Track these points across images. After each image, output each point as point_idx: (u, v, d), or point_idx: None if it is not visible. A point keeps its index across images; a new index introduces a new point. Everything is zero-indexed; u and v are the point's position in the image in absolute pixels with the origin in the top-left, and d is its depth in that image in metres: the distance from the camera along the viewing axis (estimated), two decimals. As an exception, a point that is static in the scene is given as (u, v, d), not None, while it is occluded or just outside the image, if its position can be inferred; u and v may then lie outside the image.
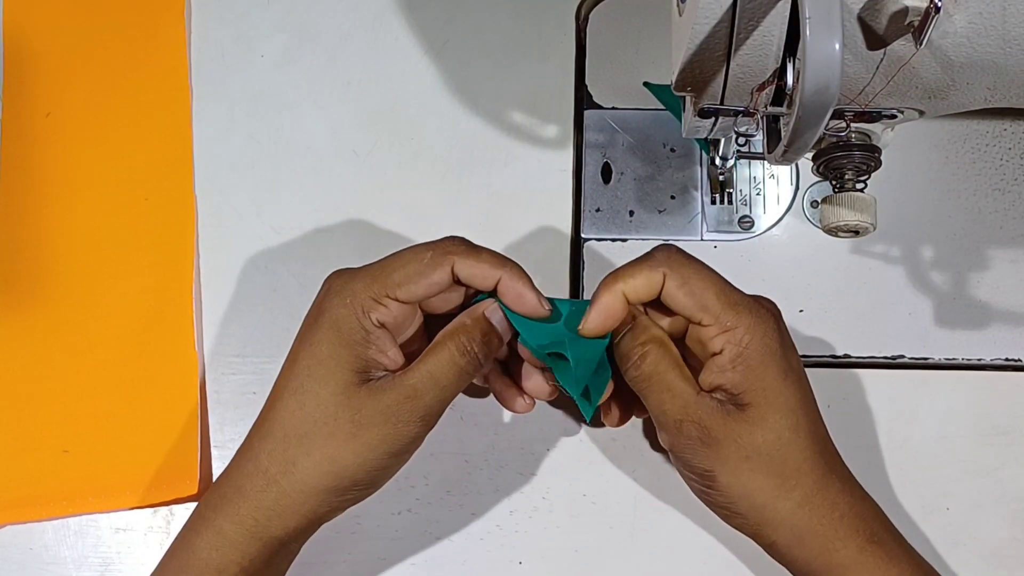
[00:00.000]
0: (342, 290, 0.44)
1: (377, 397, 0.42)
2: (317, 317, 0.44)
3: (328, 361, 0.43)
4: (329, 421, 0.42)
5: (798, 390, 0.43)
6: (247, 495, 0.43)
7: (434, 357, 0.44)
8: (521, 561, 0.52)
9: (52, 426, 0.53)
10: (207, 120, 0.57)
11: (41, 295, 0.55)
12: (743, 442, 0.42)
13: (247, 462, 0.43)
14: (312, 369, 0.43)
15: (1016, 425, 0.52)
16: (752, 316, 0.43)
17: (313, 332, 0.44)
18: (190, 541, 0.43)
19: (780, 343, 0.43)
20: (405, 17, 0.58)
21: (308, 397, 0.42)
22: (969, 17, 0.36)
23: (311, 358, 0.43)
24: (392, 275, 0.44)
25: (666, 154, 0.55)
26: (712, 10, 0.35)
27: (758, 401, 0.42)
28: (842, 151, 0.43)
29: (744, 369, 0.43)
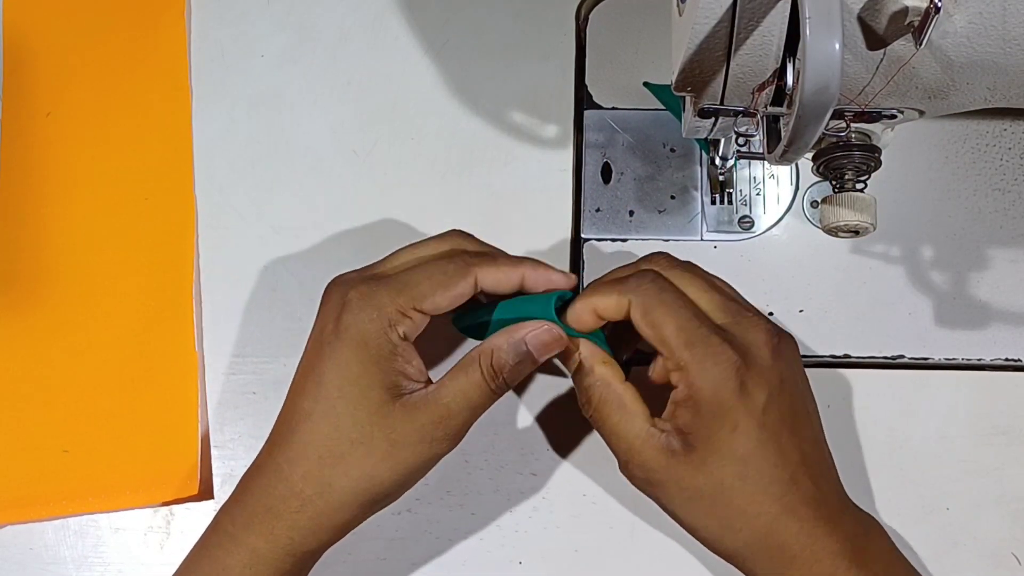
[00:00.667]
0: (366, 304, 0.43)
1: (411, 416, 0.42)
2: (339, 333, 0.43)
3: (360, 380, 0.42)
4: (366, 441, 0.42)
5: (752, 438, 0.42)
6: (281, 516, 0.42)
7: (466, 377, 0.43)
8: (521, 561, 0.52)
9: (52, 426, 0.53)
10: (207, 120, 0.57)
11: (41, 295, 0.55)
12: (685, 484, 0.42)
13: (278, 484, 0.42)
14: (343, 389, 0.42)
15: (1016, 425, 0.52)
16: (707, 359, 0.42)
17: (338, 350, 0.43)
18: (219, 559, 0.43)
19: (737, 391, 0.41)
20: (405, 17, 0.58)
21: (343, 418, 0.42)
22: (969, 17, 0.36)
23: (341, 378, 0.42)
24: (417, 287, 0.43)
25: (666, 154, 0.55)
26: (712, 10, 0.35)
27: (703, 446, 0.42)
28: (842, 151, 0.43)
29: (692, 411, 0.42)
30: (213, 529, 0.44)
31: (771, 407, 0.42)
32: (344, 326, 0.43)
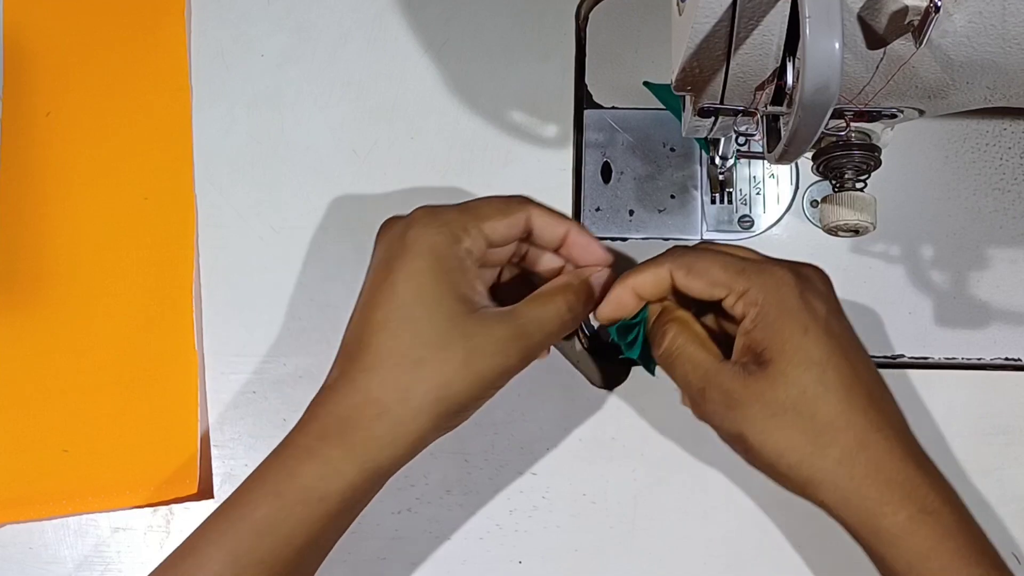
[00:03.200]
0: (432, 220, 0.44)
1: (489, 328, 0.43)
2: (408, 246, 0.43)
3: (434, 288, 0.42)
4: (444, 345, 0.42)
5: (823, 343, 0.42)
6: (358, 425, 0.42)
7: (542, 306, 0.44)
8: (521, 561, 0.52)
9: (52, 425, 0.53)
10: (207, 120, 0.57)
11: (41, 295, 0.55)
12: (766, 400, 0.41)
13: (354, 394, 0.42)
14: (420, 296, 0.42)
15: (1016, 425, 0.52)
16: (763, 275, 0.43)
17: (409, 261, 0.43)
18: (291, 468, 0.42)
19: (799, 297, 0.42)
20: (405, 17, 0.58)
21: (420, 323, 0.42)
22: (969, 16, 0.36)
23: (416, 286, 0.42)
24: (478, 209, 0.44)
25: (666, 153, 0.55)
26: (712, 10, 0.35)
27: (777, 357, 0.42)
28: (842, 151, 0.43)
29: (763, 326, 0.42)
30: (284, 444, 0.43)
31: (832, 319, 0.43)
32: (412, 239, 0.43)
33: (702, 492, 0.52)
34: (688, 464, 0.52)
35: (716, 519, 0.52)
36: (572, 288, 0.45)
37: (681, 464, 0.52)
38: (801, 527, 0.51)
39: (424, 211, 0.44)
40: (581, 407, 0.53)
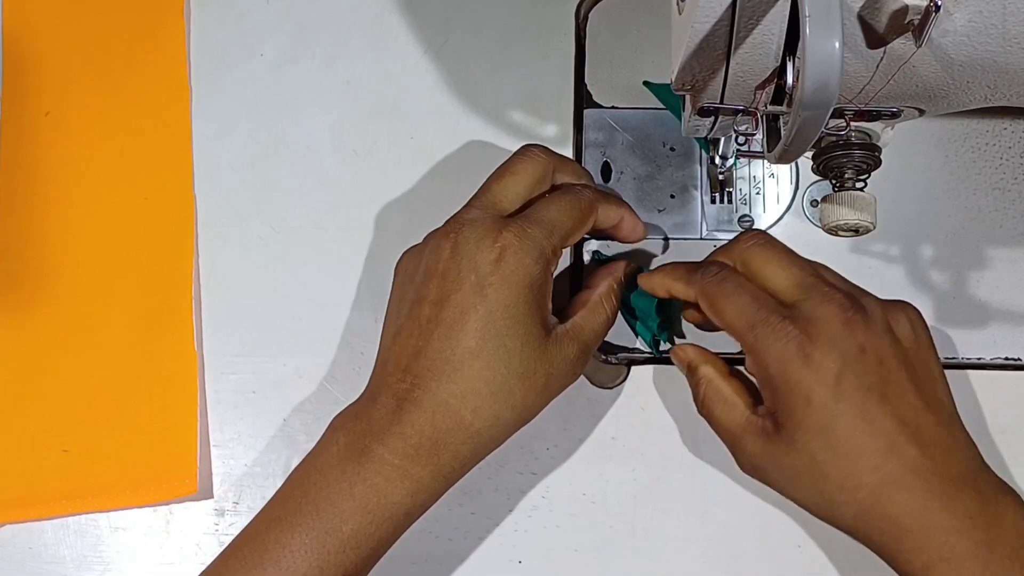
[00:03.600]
0: (528, 247, 0.45)
1: (563, 350, 0.46)
2: (506, 277, 0.44)
3: (526, 318, 0.44)
4: (530, 375, 0.44)
5: (829, 410, 0.42)
6: (447, 447, 0.44)
7: (595, 315, 0.48)
8: (521, 561, 0.52)
9: (51, 425, 0.53)
10: (207, 120, 0.57)
11: (40, 295, 0.55)
12: (783, 466, 0.43)
13: (446, 418, 0.43)
14: (513, 328, 0.44)
15: (1016, 425, 0.52)
16: (767, 336, 0.43)
17: (505, 291, 0.44)
18: (380, 487, 0.43)
19: (802, 363, 0.42)
20: (405, 17, 0.58)
21: (513, 355, 0.44)
22: (969, 16, 0.36)
23: (510, 318, 0.44)
24: (563, 226, 0.46)
25: (666, 153, 0.55)
26: (712, 9, 0.35)
27: (788, 422, 0.43)
28: (842, 150, 0.43)
29: (770, 391, 0.44)
30: (364, 459, 0.43)
31: (847, 376, 0.42)
32: (510, 270, 0.44)
33: (702, 492, 0.52)
34: (688, 464, 0.52)
35: (716, 519, 0.52)
36: (614, 292, 0.49)
37: (681, 464, 0.52)
38: (801, 527, 0.51)
39: (516, 234, 0.45)
40: (581, 407, 0.53)
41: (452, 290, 0.44)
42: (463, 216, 0.46)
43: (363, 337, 0.54)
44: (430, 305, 0.44)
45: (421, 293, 0.45)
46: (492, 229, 0.45)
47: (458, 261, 0.44)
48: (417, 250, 0.48)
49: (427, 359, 0.44)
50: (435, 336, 0.44)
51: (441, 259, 0.45)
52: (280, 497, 0.45)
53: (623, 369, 0.53)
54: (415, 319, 0.45)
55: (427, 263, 0.46)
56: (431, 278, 0.45)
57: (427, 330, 0.44)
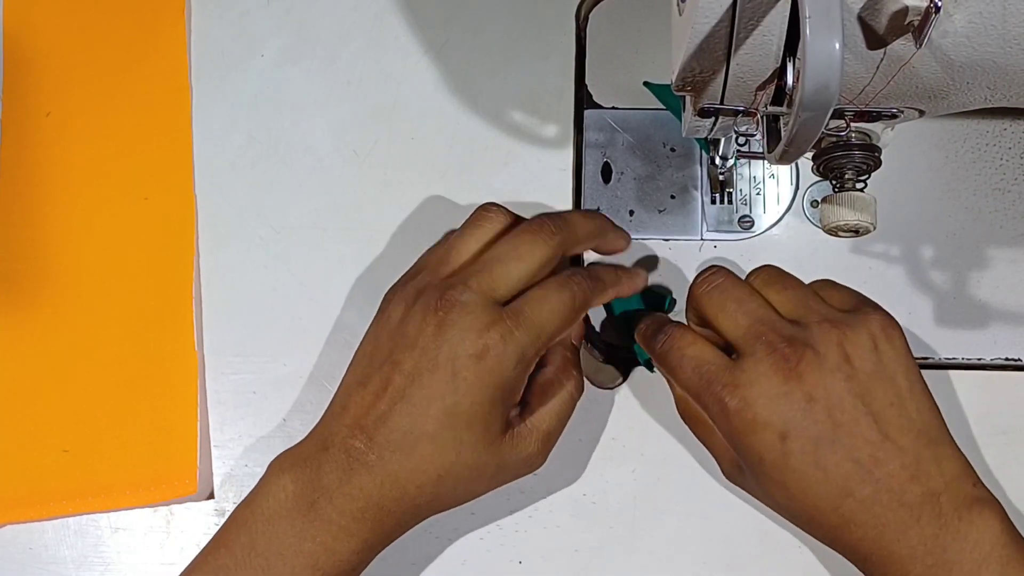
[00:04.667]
0: (510, 351, 0.44)
1: (518, 447, 0.46)
2: (480, 374, 0.44)
3: (488, 417, 0.45)
4: (480, 467, 0.45)
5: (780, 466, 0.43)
6: (392, 514, 0.45)
7: (558, 399, 0.48)
8: (521, 561, 0.52)
9: (52, 426, 0.53)
10: (207, 120, 0.57)
11: (41, 295, 0.55)
12: (757, 494, 0.47)
13: (393, 489, 0.44)
14: (472, 424, 0.44)
15: (1016, 425, 0.52)
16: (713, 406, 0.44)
17: (476, 389, 0.44)
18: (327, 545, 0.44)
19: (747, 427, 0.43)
20: (405, 17, 0.58)
21: (466, 448, 0.44)
22: (969, 16, 0.36)
23: (472, 414, 0.44)
24: (550, 327, 0.46)
25: (666, 154, 0.55)
26: (712, 10, 0.35)
27: (749, 472, 0.45)
28: (842, 151, 0.43)
29: (731, 445, 0.46)
30: (313, 516, 0.44)
31: (792, 435, 0.43)
32: (486, 369, 0.44)
33: (702, 492, 0.52)
34: (688, 464, 0.52)
35: (716, 519, 0.52)
36: (571, 362, 0.49)
37: (681, 464, 0.52)
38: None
39: (503, 334, 0.44)
40: (581, 407, 0.53)
41: (425, 370, 0.44)
42: (456, 296, 0.45)
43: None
44: (400, 375, 0.44)
45: (396, 357, 0.45)
46: (480, 321, 0.44)
47: (439, 344, 0.44)
48: (403, 296, 0.47)
49: (388, 430, 0.44)
50: (398, 409, 0.44)
51: (423, 334, 0.44)
52: (225, 542, 0.44)
53: (623, 369, 0.53)
54: (383, 380, 0.45)
55: (409, 329, 0.45)
56: (408, 348, 0.45)
57: (392, 399, 0.44)
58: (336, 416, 0.46)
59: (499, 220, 0.49)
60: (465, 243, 0.48)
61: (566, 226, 0.48)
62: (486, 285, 0.45)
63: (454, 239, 0.48)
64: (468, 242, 0.48)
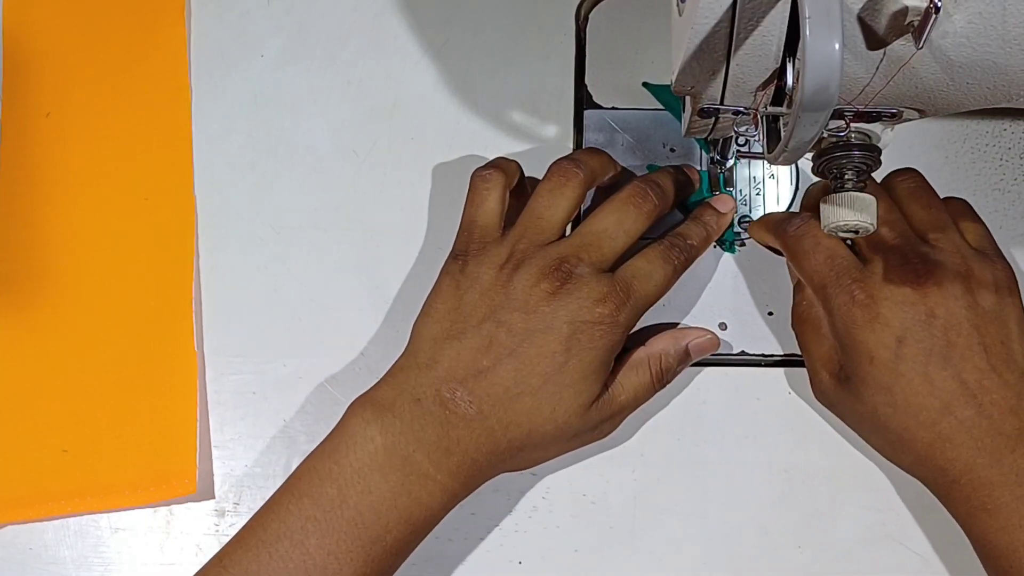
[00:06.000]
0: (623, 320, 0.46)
1: (599, 413, 0.48)
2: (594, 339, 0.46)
3: (589, 380, 0.46)
4: (567, 431, 0.47)
5: (890, 370, 0.45)
6: (482, 469, 0.46)
7: (636, 378, 0.49)
8: (521, 561, 0.52)
9: (51, 425, 0.53)
10: (207, 120, 0.57)
11: (40, 294, 0.55)
12: (850, 410, 0.48)
13: (488, 442, 0.45)
14: (575, 383, 0.46)
15: (1016, 425, 0.52)
16: (835, 297, 0.46)
17: (589, 352, 0.46)
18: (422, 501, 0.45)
19: (866, 323, 0.45)
20: (405, 17, 0.58)
21: (560, 405, 0.46)
22: (969, 17, 0.36)
23: (578, 374, 0.46)
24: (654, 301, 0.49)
25: (666, 154, 0.55)
26: (712, 10, 0.35)
27: (854, 377, 0.47)
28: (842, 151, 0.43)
29: (840, 345, 0.47)
30: (409, 470, 0.44)
31: (908, 340, 0.45)
32: (599, 335, 0.46)
33: (702, 492, 0.52)
34: (688, 464, 0.52)
35: (716, 519, 0.52)
36: (666, 357, 0.50)
37: (681, 464, 0.52)
38: (801, 527, 0.51)
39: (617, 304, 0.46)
40: (581, 407, 0.53)
41: (538, 331, 0.45)
42: (572, 268, 0.46)
43: (363, 337, 0.54)
44: (508, 334, 0.45)
45: (501, 317, 0.46)
46: (597, 292, 0.46)
47: (554, 309, 0.46)
48: (493, 260, 0.48)
49: (489, 383, 0.45)
50: (505, 364, 0.45)
51: (535, 298, 0.46)
52: (309, 492, 0.44)
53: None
54: (487, 338, 0.46)
55: (517, 292, 0.46)
56: (517, 310, 0.46)
57: (499, 356, 0.45)
58: (424, 368, 0.46)
59: (578, 178, 0.49)
60: (555, 209, 0.49)
61: (664, 195, 0.50)
62: (597, 258, 0.47)
63: (541, 205, 0.49)
64: (558, 208, 0.49)
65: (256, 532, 0.44)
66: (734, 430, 0.52)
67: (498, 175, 0.50)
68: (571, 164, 0.50)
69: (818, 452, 0.52)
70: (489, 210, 0.50)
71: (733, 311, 0.53)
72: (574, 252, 0.47)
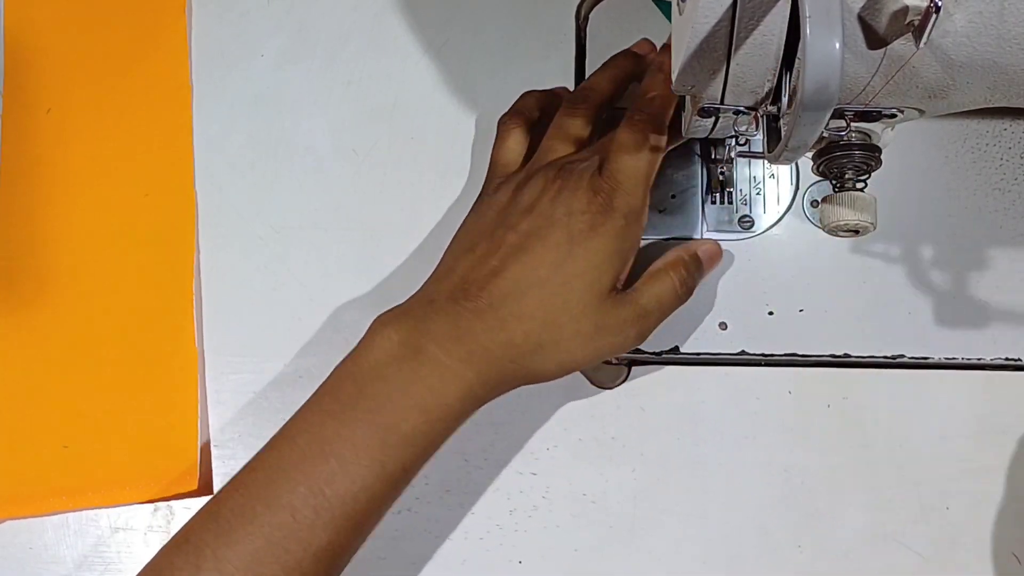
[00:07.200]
0: (620, 205, 0.46)
1: (618, 309, 0.47)
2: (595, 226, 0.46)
3: (597, 270, 0.46)
4: (582, 320, 0.46)
5: None
6: (496, 360, 0.45)
7: (659, 284, 0.48)
8: (521, 561, 0.52)
9: (52, 422, 0.53)
10: (207, 120, 0.57)
11: (41, 291, 0.55)
12: None
13: (500, 332, 0.45)
14: (583, 272, 0.46)
15: (1016, 425, 0.52)
16: None
17: (594, 239, 0.46)
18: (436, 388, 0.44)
19: None
20: (405, 17, 0.58)
21: (572, 294, 0.45)
22: (969, 16, 0.36)
23: (585, 262, 0.46)
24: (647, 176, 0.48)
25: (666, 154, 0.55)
26: (712, 10, 0.35)
27: None
28: (842, 151, 0.43)
29: None
30: (422, 358, 0.44)
31: None
32: (601, 222, 0.46)
33: (702, 492, 0.52)
34: (688, 464, 0.52)
35: (716, 519, 0.52)
36: (683, 263, 0.50)
37: (681, 464, 0.52)
38: (801, 527, 0.51)
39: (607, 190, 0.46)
40: (581, 407, 0.53)
41: (544, 226, 0.46)
42: (573, 167, 0.47)
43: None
44: (517, 234, 0.46)
45: (510, 222, 0.47)
46: (588, 184, 0.47)
47: (555, 205, 0.46)
48: (510, 184, 0.49)
49: (501, 279, 0.46)
50: (512, 260, 0.46)
51: (541, 201, 0.47)
52: (330, 390, 0.45)
53: (623, 369, 0.53)
54: (496, 241, 0.47)
55: (524, 199, 0.47)
56: (524, 212, 0.47)
57: (507, 255, 0.46)
58: (441, 278, 0.47)
59: (583, 113, 0.50)
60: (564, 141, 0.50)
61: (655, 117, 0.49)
62: (598, 158, 0.48)
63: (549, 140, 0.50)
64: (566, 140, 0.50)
65: (281, 432, 0.45)
66: (734, 430, 0.52)
67: (519, 119, 0.52)
68: (577, 100, 0.51)
69: (818, 452, 0.52)
70: (510, 148, 0.51)
71: (733, 311, 0.53)
72: (578, 156, 0.49)
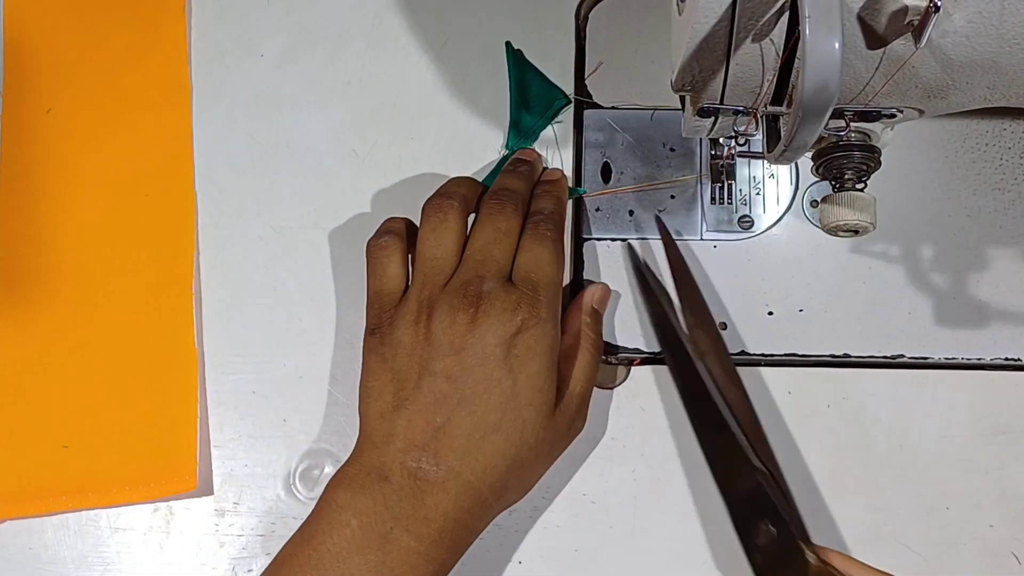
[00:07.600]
0: (545, 316, 0.46)
1: (564, 414, 0.47)
2: (530, 345, 0.45)
3: (545, 386, 0.46)
4: (540, 446, 0.46)
5: None
6: (467, 527, 0.45)
7: (580, 363, 0.48)
8: (521, 561, 0.52)
9: (52, 422, 0.53)
10: (207, 120, 0.57)
11: (41, 291, 0.55)
12: None
13: (466, 498, 0.44)
14: (533, 401, 0.45)
15: (1016, 425, 0.52)
16: None
17: (530, 360, 0.45)
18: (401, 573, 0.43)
19: None
20: (405, 17, 0.58)
21: (528, 425, 0.45)
22: (968, 16, 0.36)
23: (531, 390, 0.45)
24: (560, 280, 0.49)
25: (666, 154, 0.55)
26: (712, 10, 0.35)
27: None
28: (842, 151, 0.43)
29: None
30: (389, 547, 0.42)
31: None
32: (534, 339, 0.45)
33: (702, 492, 0.52)
34: (688, 464, 0.52)
35: (716, 519, 0.52)
36: (586, 325, 0.49)
37: (681, 464, 0.52)
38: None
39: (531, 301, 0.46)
40: (581, 407, 0.53)
41: (475, 365, 0.44)
42: (478, 288, 0.46)
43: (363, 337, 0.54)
44: (447, 380, 0.44)
45: (435, 368, 0.45)
46: (510, 300, 0.45)
47: (481, 336, 0.45)
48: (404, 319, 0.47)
49: (449, 436, 0.44)
50: (457, 414, 0.44)
51: (457, 335, 0.45)
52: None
53: (623, 369, 0.53)
54: (428, 393, 0.44)
55: (438, 338, 0.45)
56: (446, 355, 0.45)
57: (449, 408, 0.44)
58: (382, 445, 0.45)
59: (454, 209, 0.49)
60: (444, 246, 0.48)
61: (516, 191, 0.50)
62: (494, 270, 0.47)
63: (429, 247, 0.48)
64: (446, 243, 0.48)
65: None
66: (734, 430, 0.52)
67: (393, 240, 0.50)
68: (442, 199, 0.49)
69: (818, 452, 0.52)
70: (392, 276, 0.49)
71: (733, 311, 0.53)
72: (473, 273, 0.46)
